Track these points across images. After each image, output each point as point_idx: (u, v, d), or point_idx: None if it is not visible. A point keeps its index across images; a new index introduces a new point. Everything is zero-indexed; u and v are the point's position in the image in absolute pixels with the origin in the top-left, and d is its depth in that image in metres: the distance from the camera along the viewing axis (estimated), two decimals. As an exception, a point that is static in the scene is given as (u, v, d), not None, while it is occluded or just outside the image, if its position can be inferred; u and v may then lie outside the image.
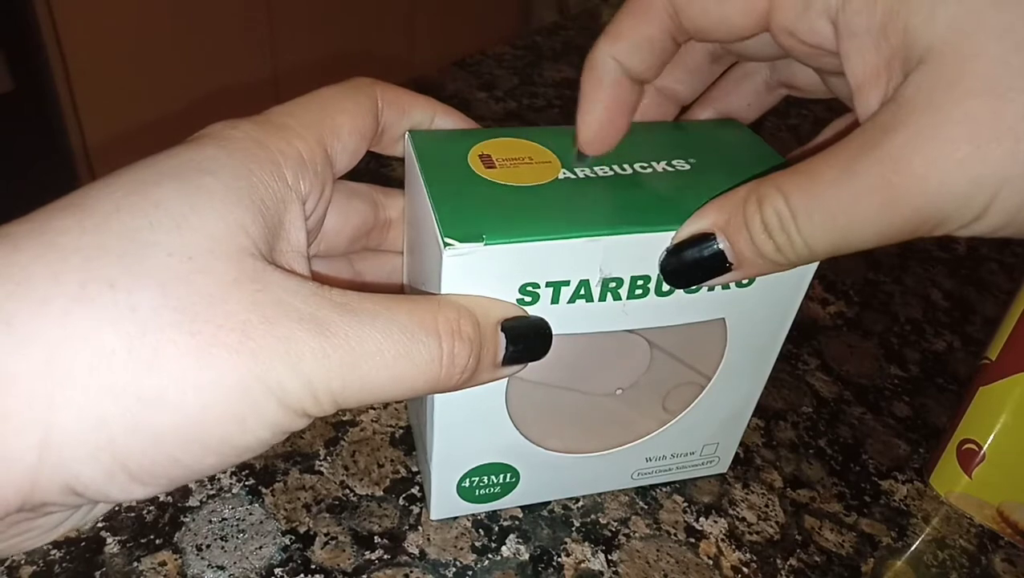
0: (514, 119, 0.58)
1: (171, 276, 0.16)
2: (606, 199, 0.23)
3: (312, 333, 0.17)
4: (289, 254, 0.20)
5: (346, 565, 0.28)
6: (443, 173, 0.23)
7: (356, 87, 0.23)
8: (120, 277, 0.16)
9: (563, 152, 0.25)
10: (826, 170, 0.19)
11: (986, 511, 0.32)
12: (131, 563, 0.27)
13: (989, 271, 0.48)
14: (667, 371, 0.27)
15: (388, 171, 0.49)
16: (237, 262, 0.17)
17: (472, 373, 0.21)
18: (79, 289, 0.15)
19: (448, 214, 0.21)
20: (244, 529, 0.28)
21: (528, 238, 0.21)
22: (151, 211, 0.17)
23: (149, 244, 0.16)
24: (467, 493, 0.28)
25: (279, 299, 0.17)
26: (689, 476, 0.32)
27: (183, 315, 0.16)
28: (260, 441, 0.17)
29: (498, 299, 0.22)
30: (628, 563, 0.29)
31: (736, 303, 0.25)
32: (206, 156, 0.18)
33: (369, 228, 0.27)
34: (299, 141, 0.20)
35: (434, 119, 0.25)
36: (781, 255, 0.20)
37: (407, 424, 0.33)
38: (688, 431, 0.30)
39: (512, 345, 0.22)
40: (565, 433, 0.28)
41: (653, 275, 0.23)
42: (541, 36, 0.72)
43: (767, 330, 0.27)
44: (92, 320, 0.15)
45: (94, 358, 0.15)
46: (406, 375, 0.19)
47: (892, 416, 0.37)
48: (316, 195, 0.21)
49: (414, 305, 0.19)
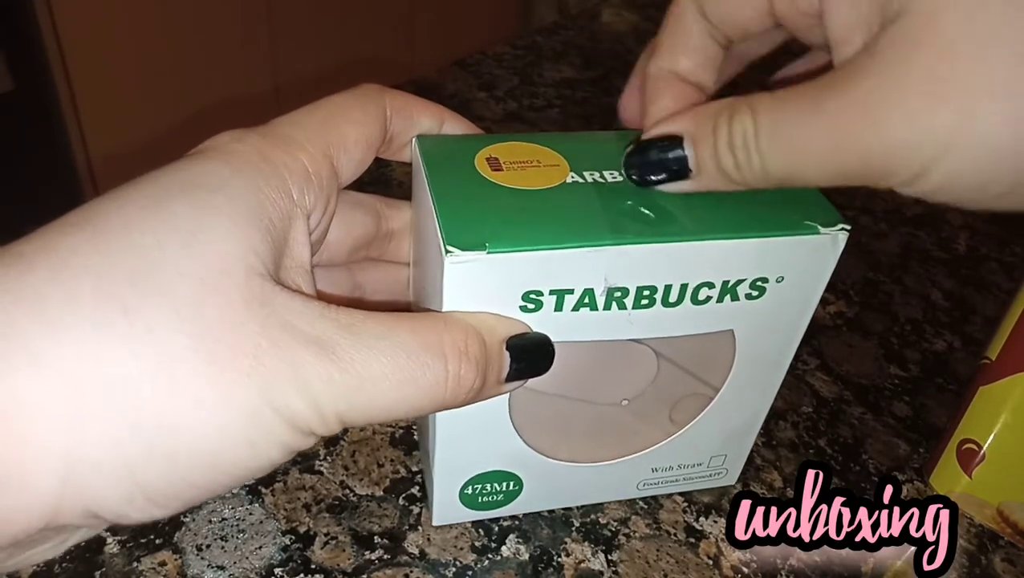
0: (514, 119, 0.58)
1: (183, 298, 0.16)
2: (613, 205, 0.23)
3: (319, 357, 0.17)
4: (293, 270, 0.20)
5: (346, 565, 0.28)
6: (449, 177, 0.23)
7: (364, 95, 0.23)
8: (133, 300, 0.16)
9: (572, 155, 0.24)
10: (796, 100, 0.20)
11: (986, 511, 0.32)
12: (131, 563, 0.27)
13: (989, 271, 0.48)
14: (675, 382, 0.27)
15: (388, 171, 0.49)
16: (246, 283, 0.17)
17: (477, 392, 0.21)
18: (93, 313, 0.15)
19: (451, 221, 0.21)
20: (244, 529, 0.28)
21: (531, 247, 0.21)
22: (160, 229, 0.17)
23: (160, 264, 0.16)
24: (470, 500, 0.28)
25: (287, 322, 0.17)
26: (696, 487, 0.32)
27: (197, 340, 0.16)
28: (271, 461, 0.18)
29: (502, 316, 0.22)
30: (628, 563, 0.29)
31: (745, 315, 0.25)
32: (214, 172, 0.18)
33: (371, 239, 0.27)
34: (304, 155, 0.20)
35: (442, 126, 0.25)
36: (738, 172, 0.21)
37: (407, 424, 0.33)
38: (695, 442, 0.29)
39: (516, 362, 0.22)
40: (570, 442, 0.28)
41: (659, 285, 0.23)
42: (541, 36, 0.72)
43: (776, 343, 0.27)
44: (108, 345, 0.15)
45: (111, 384, 0.15)
46: (411, 397, 0.19)
47: (892, 416, 0.37)
48: (321, 209, 0.21)
49: (419, 325, 0.19)
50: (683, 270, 0.23)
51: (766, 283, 0.24)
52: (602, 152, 0.25)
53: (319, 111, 0.22)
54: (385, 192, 0.39)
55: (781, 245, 0.23)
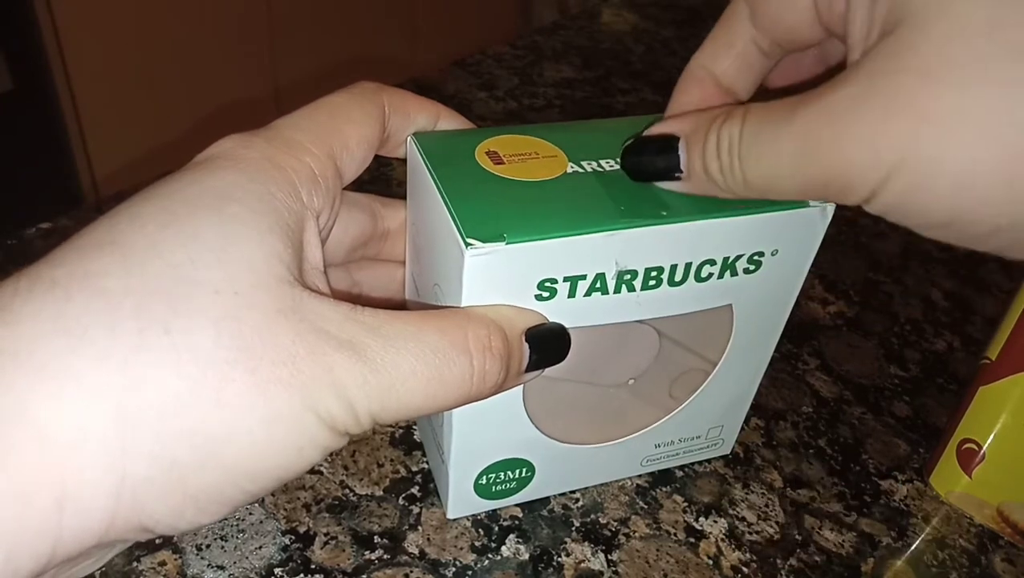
0: (514, 119, 0.58)
1: (222, 314, 0.17)
2: (617, 191, 0.23)
3: (352, 360, 0.18)
4: (310, 273, 0.20)
5: (346, 565, 0.28)
6: (454, 173, 0.23)
7: (362, 94, 0.23)
8: (174, 320, 0.16)
9: (568, 146, 0.25)
10: (779, 107, 0.19)
11: (986, 511, 0.32)
12: (131, 563, 0.27)
13: (989, 271, 0.48)
14: (674, 358, 0.27)
15: (388, 170, 0.49)
16: (277, 292, 0.17)
17: (500, 385, 0.21)
18: (137, 338, 0.16)
19: (466, 214, 0.21)
20: (244, 529, 0.28)
21: (548, 235, 0.21)
22: (190, 245, 0.17)
23: (195, 282, 0.17)
24: (484, 490, 0.28)
25: (318, 328, 0.18)
26: (695, 459, 0.32)
27: (239, 353, 0.16)
28: (312, 463, 0.18)
29: (520, 308, 0.22)
30: (628, 563, 0.29)
31: (743, 289, 0.26)
32: (229, 182, 0.19)
33: (367, 238, 0.27)
34: (309, 157, 0.20)
35: (438, 122, 0.25)
36: (722, 178, 0.21)
37: (407, 424, 0.33)
38: (695, 416, 0.30)
39: (535, 353, 0.22)
40: (580, 425, 0.28)
41: (666, 266, 0.23)
42: (541, 36, 0.71)
43: (771, 314, 0.27)
44: (154, 366, 0.16)
45: (160, 403, 0.16)
46: (439, 394, 0.19)
47: (892, 416, 0.37)
48: (328, 210, 0.21)
49: (444, 323, 0.20)
50: (689, 249, 0.23)
51: (762, 257, 0.25)
52: (596, 142, 0.25)
53: (320, 112, 0.22)
54: (385, 191, 0.39)
55: (777, 220, 0.24)
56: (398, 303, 0.29)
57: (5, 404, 0.15)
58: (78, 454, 0.15)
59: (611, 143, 0.25)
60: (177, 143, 1.03)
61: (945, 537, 0.32)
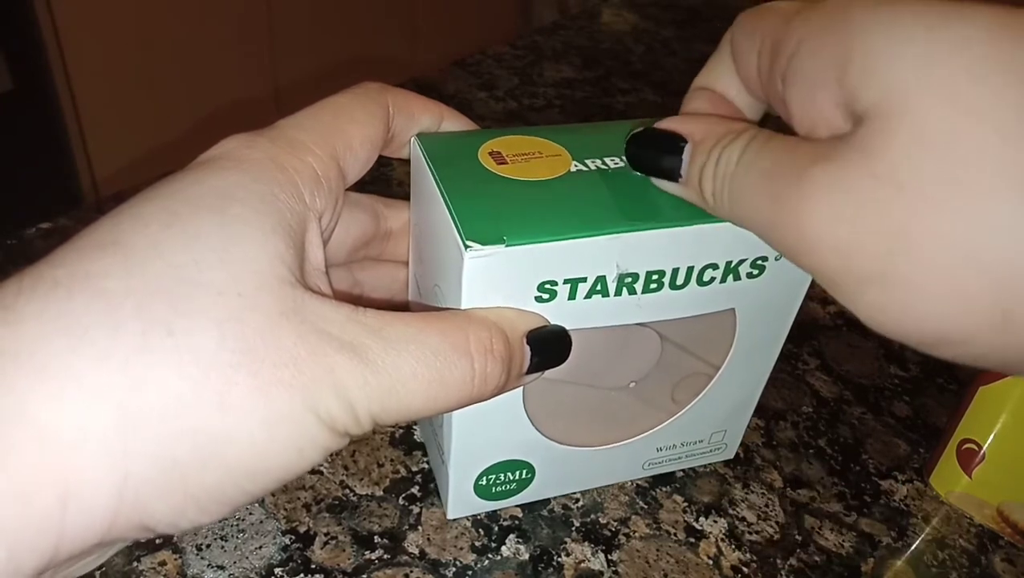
0: (514, 119, 0.58)
1: (225, 315, 0.17)
2: (620, 191, 0.23)
3: (353, 361, 0.18)
4: (312, 274, 0.20)
5: (346, 565, 0.28)
6: (456, 173, 0.23)
7: (366, 94, 0.23)
8: (176, 321, 0.16)
9: (572, 145, 0.25)
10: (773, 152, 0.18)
11: (986, 511, 0.32)
12: (131, 563, 0.27)
13: (989, 271, 0.48)
14: (677, 362, 0.27)
15: (389, 171, 0.49)
16: (279, 294, 0.17)
17: (501, 387, 0.21)
18: (140, 339, 0.16)
19: (466, 215, 0.21)
20: (244, 529, 0.28)
21: (548, 237, 0.21)
22: (193, 245, 0.17)
23: (197, 283, 0.17)
24: (484, 491, 0.28)
25: (320, 329, 0.18)
26: (698, 463, 0.32)
27: (242, 356, 0.16)
28: (312, 463, 0.18)
29: (521, 310, 0.22)
30: (628, 563, 0.29)
31: (746, 294, 0.25)
32: (232, 182, 0.19)
33: (369, 238, 0.27)
34: (313, 158, 0.20)
35: (441, 123, 0.25)
36: (712, 196, 0.20)
37: (407, 424, 0.33)
38: (698, 420, 0.30)
39: (536, 355, 0.22)
40: (580, 427, 0.28)
41: (668, 269, 0.23)
42: (541, 36, 0.71)
43: (774, 319, 0.27)
44: (156, 367, 0.16)
45: (162, 404, 0.16)
46: (440, 396, 0.19)
47: (892, 416, 0.37)
48: (331, 211, 0.21)
49: (445, 325, 0.20)
50: (691, 253, 0.23)
51: (766, 262, 0.25)
52: (600, 141, 0.25)
53: (323, 113, 0.22)
54: (386, 191, 0.39)
55: None
56: (400, 304, 0.29)
57: (6, 404, 0.15)
58: (79, 454, 0.15)
59: (616, 142, 0.25)
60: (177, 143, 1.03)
61: (945, 537, 0.32)
